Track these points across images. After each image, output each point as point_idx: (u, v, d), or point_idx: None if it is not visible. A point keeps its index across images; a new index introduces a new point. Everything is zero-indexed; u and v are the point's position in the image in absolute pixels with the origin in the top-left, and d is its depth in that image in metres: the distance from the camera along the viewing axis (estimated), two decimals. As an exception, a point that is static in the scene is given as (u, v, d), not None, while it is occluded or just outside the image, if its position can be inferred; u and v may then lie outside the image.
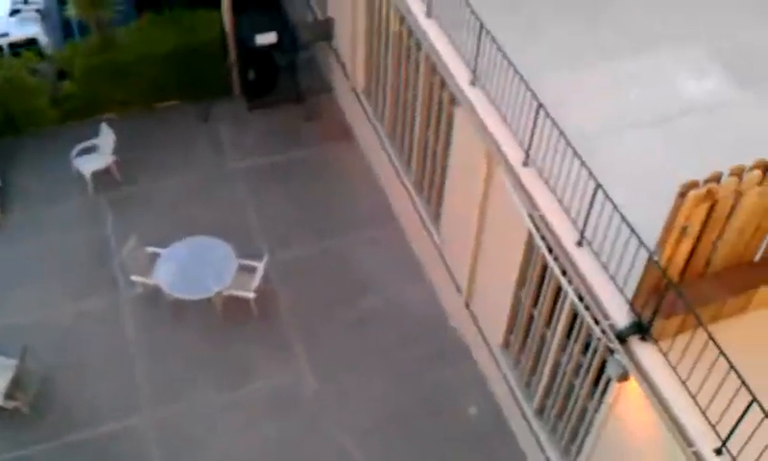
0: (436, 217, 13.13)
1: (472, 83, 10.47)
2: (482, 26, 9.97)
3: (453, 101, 11.30)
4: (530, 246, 10.12)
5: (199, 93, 16.10)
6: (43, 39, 16.54)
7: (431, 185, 13.12)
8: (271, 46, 15.64)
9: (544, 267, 9.91)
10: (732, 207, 7.58)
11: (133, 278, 12.87)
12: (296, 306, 13.22)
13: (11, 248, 13.81)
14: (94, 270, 13.53)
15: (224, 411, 11.97)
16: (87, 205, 14.52)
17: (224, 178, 15.11)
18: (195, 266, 12.92)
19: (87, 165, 14.61)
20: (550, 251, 9.31)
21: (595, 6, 11.69)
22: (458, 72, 10.69)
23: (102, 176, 14.65)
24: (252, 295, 12.74)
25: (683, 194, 7.23)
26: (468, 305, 12.51)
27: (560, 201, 9.03)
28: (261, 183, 14.99)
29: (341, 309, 13.22)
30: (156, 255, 13.03)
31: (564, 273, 9.17)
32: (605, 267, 8.35)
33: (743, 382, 6.74)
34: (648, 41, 11.20)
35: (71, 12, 15.24)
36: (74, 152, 14.69)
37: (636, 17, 11.54)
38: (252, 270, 12.94)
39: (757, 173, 7.39)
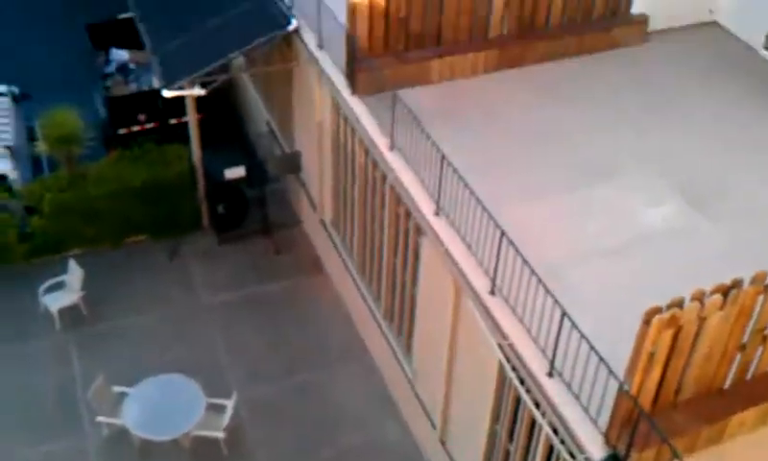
0: (407, 349, 13.01)
1: (437, 213, 10.60)
2: (443, 157, 10.18)
3: (419, 231, 11.40)
4: (502, 377, 10.01)
5: (168, 228, 16.17)
6: (12, 176, 16.57)
7: (401, 317, 13.06)
8: (240, 180, 15.84)
9: (517, 399, 9.77)
10: (697, 333, 7.60)
11: (100, 418, 12.53)
12: (267, 445, 12.88)
13: (-27, 387, 13.47)
14: (59, 410, 13.19)
15: None
16: (54, 342, 14.29)
17: (193, 313, 14.97)
18: (163, 405, 12.63)
19: (55, 302, 14.48)
20: (522, 382, 9.22)
21: (553, 139, 12.00)
22: (422, 203, 10.85)
23: (69, 312, 14.50)
24: (221, 434, 12.41)
25: (647, 321, 7.27)
26: (443, 442, 12.23)
27: (528, 330, 9.01)
28: (231, 319, 14.86)
29: (314, 447, 12.89)
30: (123, 395, 12.75)
31: (537, 405, 9.05)
32: (577, 398, 8.26)
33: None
34: (606, 171, 11.47)
35: (41, 148, 15.43)
36: (42, 289, 14.56)
37: (593, 149, 11.85)
38: (222, 409, 12.66)
39: (718, 297, 7.45)
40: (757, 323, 7.99)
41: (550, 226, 10.52)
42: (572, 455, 8.35)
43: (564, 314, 8.31)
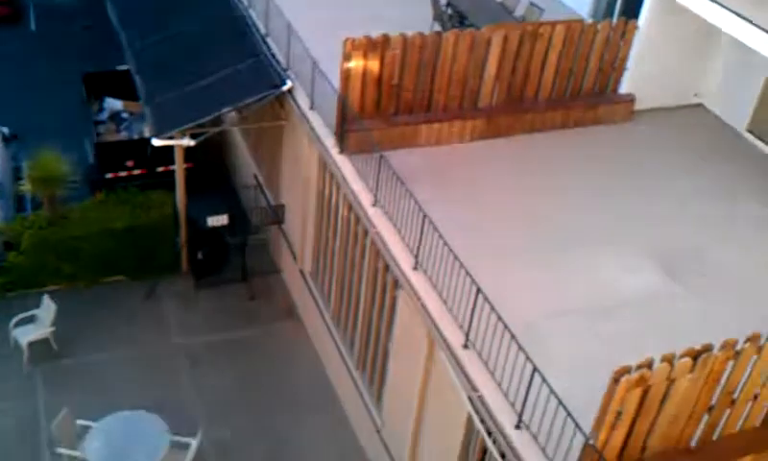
0: (378, 399, 13.06)
1: (415, 267, 10.80)
2: (425, 216, 10.44)
3: (396, 284, 11.58)
4: (470, 429, 10.10)
5: (146, 270, 16.24)
6: (-5, 214, 16.74)
7: (373, 367, 13.14)
8: (222, 227, 16.00)
9: (484, 451, 9.84)
10: (666, 394, 7.76)
11: (60, 450, 12.36)
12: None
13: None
14: (19, 441, 13.05)
15: None
16: (21, 375, 14.18)
17: (165, 354, 14.93)
18: (126, 441, 12.50)
19: (25, 336, 14.40)
20: (489, 434, 9.30)
21: (535, 206, 12.31)
22: (401, 257, 11.05)
23: (39, 347, 14.40)
24: (184, 473, 12.32)
25: (616, 379, 7.43)
26: (409, 496, 12.22)
27: (499, 383, 9.14)
28: (202, 361, 14.84)
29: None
30: (86, 428, 12.62)
31: (503, 456, 9.11)
32: (543, 450, 8.36)
33: None
34: (586, 239, 11.77)
35: (25, 187, 15.61)
36: (12, 322, 14.49)
37: (574, 217, 12.17)
38: (185, 446, 12.57)
39: (688, 360, 7.65)
40: (726, 387, 8.16)
41: (526, 287, 10.74)
42: (536, 507, 8.40)
43: (534, 369, 8.46)
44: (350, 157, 12.63)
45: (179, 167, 15.78)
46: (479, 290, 9.41)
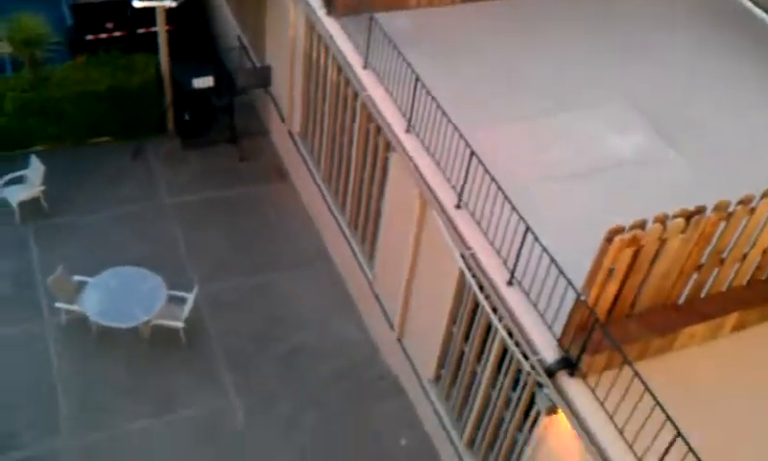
0: (370, 256, 13.41)
1: (407, 130, 10.89)
2: (417, 79, 10.43)
3: (389, 147, 11.68)
4: (462, 284, 10.47)
5: (132, 131, 16.14)
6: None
7: (366, 226, 13.42)
8: (208, 89, 15.84)
9: (476, 304, 10.25)
10: (657, 253, 8.00)
11: (58, 304, 12.70)
12: (225, 338, 13.22)
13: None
14: (17, 297, 13.30)
15: (148, 440, 11.81)
16: (13, 234, 14.27)
17: (155, 213, 15.08)
18: (123, 295, 12.81)
19: (15, 195, 14.42)
20: (481, 289, 9.66)
21: (527, 69, 12.35)
22: (394, 120, 11.12)
23: (30, 206, 14.47)
24: (181, 325, 12.72)
25: (609, 239, 7.60)
26: (400, 341, 12.76)
27: (491, 242, 9.41)
28: (194, 219, 15.02)
29: (271, 343, 13.27)
30: (83, 284, 12.90)
31: (494, 310, 9.52)
32: (534, 305, 8.72)
33: (668, 417, 7.07)
34: (577, 101, 11.90)
35: (4, 50, 15.26)
36: (1, 182, 14.48)
37: (566, 79, 12.25)
38: (183, 300, 12.94)
39: (681, 221, 7.85)
40: (716, 247, 8.44)
41: (519, 149, 10.92)
42: (526, 357, 8.85)
43: (527, 228, 8.71)
44: (339, 19, 12.44)
45: (161, 28, 15.45)
46: (473, 152, 9.54)
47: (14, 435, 11.56)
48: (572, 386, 8.15)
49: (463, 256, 9.82)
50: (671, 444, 7.05)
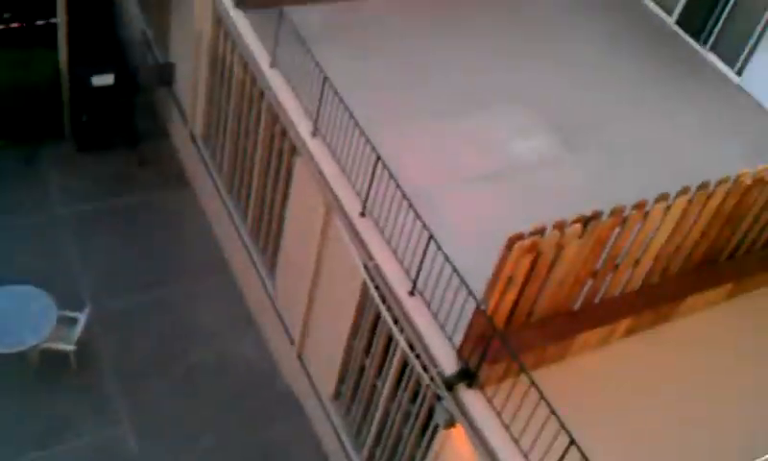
0: (271, 268, 13.00)
1: (313, 133, 10.57)
2: (325, 78, 10.13)
3: (294, 150, 11.34)
4: (364, 296, 10.19)
5: (27, 134, 15.29)
6: None
7: (267, 235, 13.01)
8: (108, 88, 15.16)
9: (377, 316, 9.99)
10: (554, 259, 7.96)
11: (-65, 328, 11.79)
12: (120, 359, 12.53)
13: None
14: None
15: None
16: None
17: (48, 224, 14.19)
18: (10, 317, 11.92)
19: None
20: (383, 300, 9.40)
21: (435, 69, 12.22)
22: (300, 122, 10.79)
23: None
24: (71, 348, 11.99)
25: (509, 246, 7.52)
26: (300, 357, 12.38)
27: (394, 251, 9.19)
28: (88, 230, 14.23)
29: (168, 362, 12.66)
30: (-36, 305, 12.01)
31: (395, 322, 9.27)
32: (434, 315, 8.52)
33: (562, 425, 7.03)
34: (482, 103, 11.83)
35: None
36: None
37: (472, 80, 12.18)
38: (74, 321, 12.20)
39: (577, 227, 7.82)
40: (610, 252, 8.45)
41: (426, 153, 10.74)
42: (426, 369, 8.63)
43: (430, 236, 8.52)
44: (247, 13, 12.05)
45: (61, 20, 14.64)
46: (379, 157, 9.30)
47: None
48: (469, 397, 7.99)
49: (366, 266, 9.55)
50: (566, 451, 6.98)
